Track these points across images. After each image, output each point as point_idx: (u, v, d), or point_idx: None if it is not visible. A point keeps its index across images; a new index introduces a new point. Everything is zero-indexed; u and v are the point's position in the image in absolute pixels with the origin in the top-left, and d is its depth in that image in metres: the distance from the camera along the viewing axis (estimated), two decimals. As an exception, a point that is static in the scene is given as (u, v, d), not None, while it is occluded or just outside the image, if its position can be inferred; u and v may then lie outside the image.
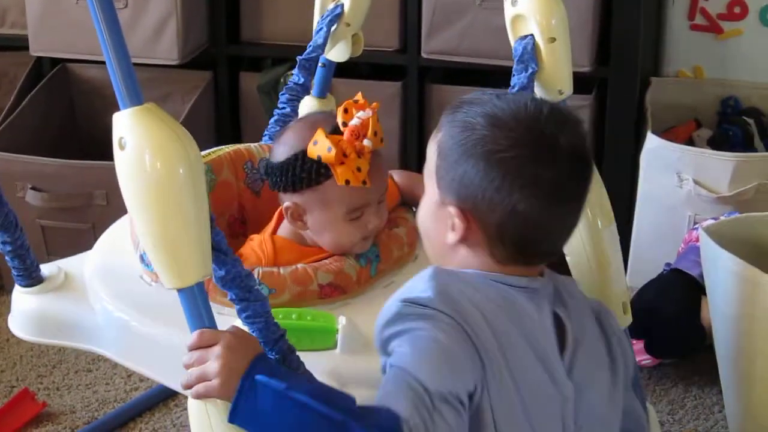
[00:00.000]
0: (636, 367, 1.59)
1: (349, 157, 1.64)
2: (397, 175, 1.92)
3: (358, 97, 1.69)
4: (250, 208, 1.93)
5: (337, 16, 2.05)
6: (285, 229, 1.80)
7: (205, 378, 1.33)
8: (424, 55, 2.93)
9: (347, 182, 1.65)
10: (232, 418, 1.32)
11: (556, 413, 1.42)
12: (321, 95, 2.15)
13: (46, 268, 1.90)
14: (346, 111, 1.68)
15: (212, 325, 1.34)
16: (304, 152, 1.68)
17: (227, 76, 3.11)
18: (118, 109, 1.31)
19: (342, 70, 2.22)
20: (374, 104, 1.68)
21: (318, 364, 1.49)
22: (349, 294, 1.71)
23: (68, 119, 3.17)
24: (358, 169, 1.64)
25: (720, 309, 2.17)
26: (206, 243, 1.32)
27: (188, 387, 1.35)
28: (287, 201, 1.74)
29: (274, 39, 3.01)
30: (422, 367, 1.31)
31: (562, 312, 1.46)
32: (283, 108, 2.05)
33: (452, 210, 1.43)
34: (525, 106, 1.44)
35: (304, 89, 2.06)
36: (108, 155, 1.32)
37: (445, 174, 1.44)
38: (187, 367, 1.35)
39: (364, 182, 1.66)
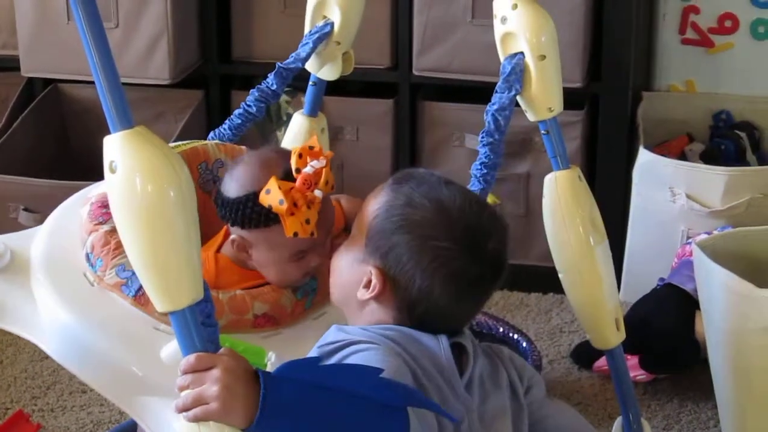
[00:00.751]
0: (540, 380, 1.67)
1: (300, 209, 1.67)
2: (345, 201, 1.93)
3: (314, 143, 1.72)
4: (199, 206, 1.93)
5: (326, 34, 2.04)
6: (229, 248, 1.80)
7: (202, 401, 1.32)
8: (415, 72, 2.94)
9: (295, 234, 1.67)
10: (259, 424, 1.30)
11: (464, 423, 1.50)
12: (312, 114, 2.14)
13: None
14: (300, 156, 1.69)
15: (204, 348, 1.34)
16: (255, 195, 1.69)
17: (219, 94, 3.11)
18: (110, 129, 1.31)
19: (333, 87, 2.21)
20: (328, 153, 1.71)
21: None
22: (281, 325, 1.72)
23: (60, 139, 3.17)
24: (307, 222, 1.67)
25: (714, 323, 2.17)
26: (197, 266, 1.32)
27: (184, 410, 1.34)
28: (235, 234, 1.76)
29: (266, 57, 3.00)
30: None
31: (461, 339, 1.55)
32: (249, 107, 2.05)
33: (373, 271, 1.51)
34: (470, 202, 1.53)
35: (275, 95, 2.06)
36: (101, 176, 1.32)
37: (377, 238, 1.52)
38: (182, 389, 1.35)
39: (312, 233, 1.68)
